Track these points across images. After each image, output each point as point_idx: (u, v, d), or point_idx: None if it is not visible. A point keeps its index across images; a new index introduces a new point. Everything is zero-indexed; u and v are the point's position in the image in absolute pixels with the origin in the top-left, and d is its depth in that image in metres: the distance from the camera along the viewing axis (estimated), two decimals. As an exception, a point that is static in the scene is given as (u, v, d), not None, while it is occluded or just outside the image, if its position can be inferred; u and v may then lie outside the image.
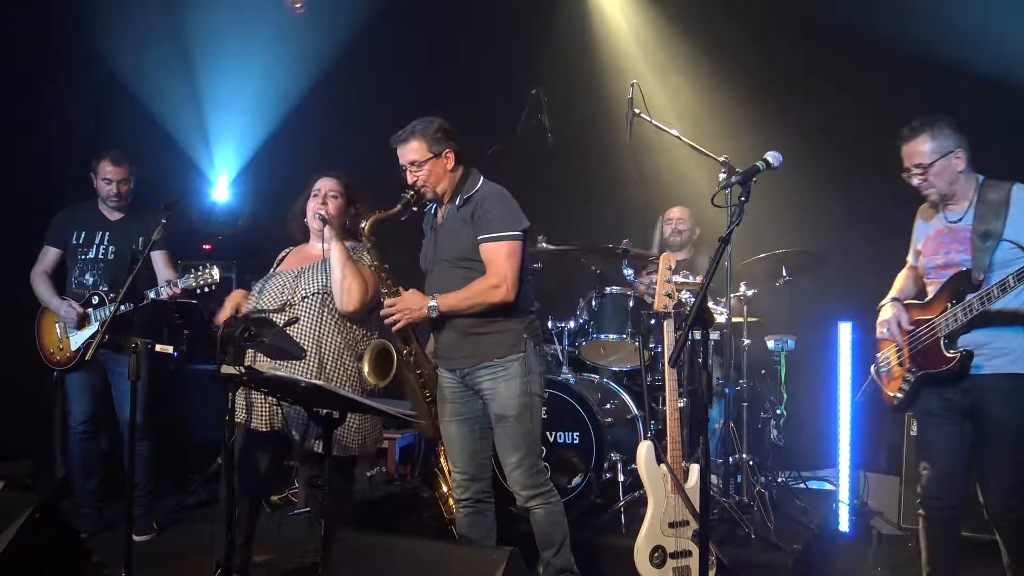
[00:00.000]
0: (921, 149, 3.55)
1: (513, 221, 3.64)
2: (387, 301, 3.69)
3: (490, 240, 3.60)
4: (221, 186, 7.05)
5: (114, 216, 5.13)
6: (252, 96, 6.73)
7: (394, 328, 3.68)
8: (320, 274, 3.84)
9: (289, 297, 3.83)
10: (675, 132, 4.86)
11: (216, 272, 4.34)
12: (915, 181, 3.61)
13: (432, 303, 3.62)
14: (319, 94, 6.70)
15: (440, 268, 3.74)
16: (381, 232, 3.72)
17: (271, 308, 3.78)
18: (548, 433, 4.89)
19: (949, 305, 3.54)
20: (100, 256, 5.03)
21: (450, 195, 3.75)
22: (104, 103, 6.22)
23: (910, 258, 3.88)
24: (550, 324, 5.34)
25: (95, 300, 4.92)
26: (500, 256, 3.59)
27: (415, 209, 3.76)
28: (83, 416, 5.03)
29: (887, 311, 3.77)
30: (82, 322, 4.90)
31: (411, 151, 3.69)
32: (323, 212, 3.87)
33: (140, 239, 5.07)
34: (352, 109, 6.80)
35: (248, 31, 6.51)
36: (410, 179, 3.71)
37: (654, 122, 4.87)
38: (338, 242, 3.80)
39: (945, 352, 3.53)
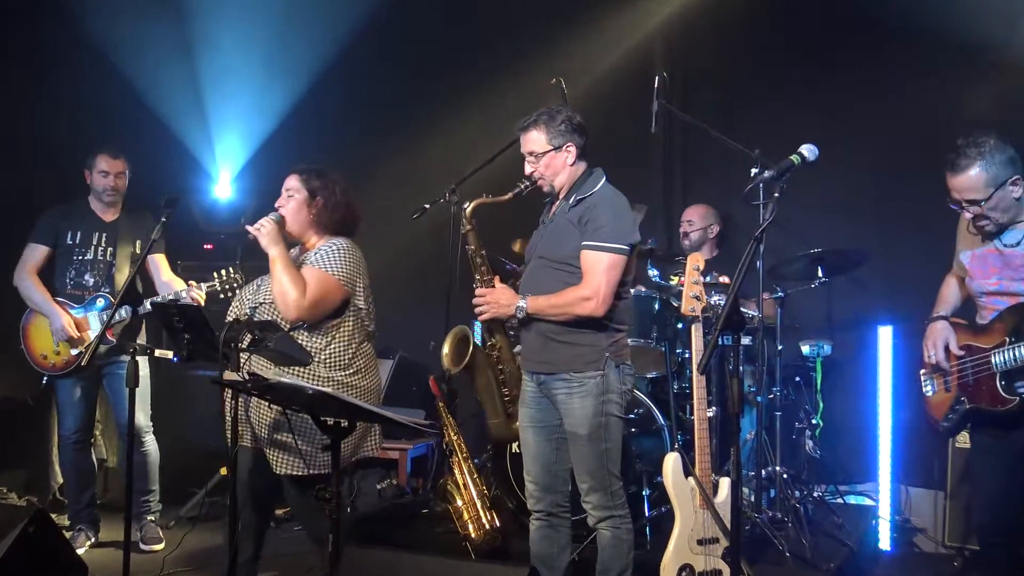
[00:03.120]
0: (974, 184, 3.43)
1: (621, 233, 3.64)
2: (479, 290, 3.76)
3: (592, 249, 3.61)
4: (224, 183, 7.07)
5: (108, 216, 5.18)
6: (255, 89, 6.76)
7: (480, 319, 3.77)
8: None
9: (251, 304, 3.91)
10: (704, 124, 4.85)
11: (240, 274, 4.37)
12: (968, 216, 3.52)
13: (521, 304, 3.66)
14: (326, 86, 6.72)
15: (538, 265, 3.77)
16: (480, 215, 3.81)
17: (241, 315, 3.84)
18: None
19: (1008, 340, 3.46)
20: (99, 257, 5.09)
21: (566, 191, 3.78)
22: (102, 97, 6.27)
23: (955, 265, 3.82)
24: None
25: (100, 302, 4.97)
26: (599, 268, 3.59)
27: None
28: (76, 425, 5.06)
29: (934, 331, 3.71)
30: (73, 340, 4.92)
31: (531, 141, 3.74)
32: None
33: (138, 241, 5.13)
34: (361, 101, 6.82)
35: (251, 21, 6.55)
36: (527, 169, 3.76)
37: (682, 114, 4.86)
38: (275, 245, 3.81)
39: (1003, 393, 3.46)
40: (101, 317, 4.95)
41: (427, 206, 4.86)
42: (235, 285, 4.38)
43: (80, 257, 5.08)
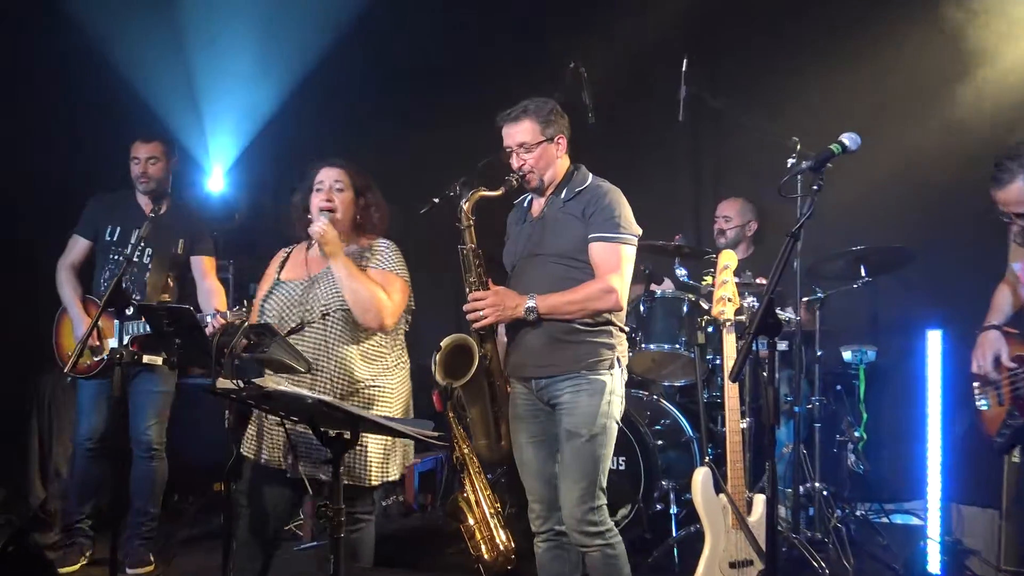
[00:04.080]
0: (1019, 197, 3.51)
1: (633, 225, 3.73)
2: (474, 293, 3.73)
3: (607, 240, 3.66)
4: (216, 176, 7.11)
5: (148, 210, 5.07)
6: (249, 81, 6.84)
7: (477, 325, 3.71)
8: (335, 285, 3.86)
9: (304, 314, 3.84)
10: (736, 111, 4.84)
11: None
12: (1016, 228, 3.57)
13: (530, 303, 3.65)
14: (320, 78, 6.77)
15: (534, 263, 3.79)
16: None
17: (286, 328, 3.80)
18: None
19: None
20: (135, 258, 4.94)
21: (556, 186, 3.83)
22: (94, 89, 6.32)
23: (1007, 273, 3.83)
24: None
25: (127, 311, 4.83)
26: (616, 260, 3.65)
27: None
28: (90, 432, 5.01)
29: (985, 341, 3.71)
30: (94, 347, 4.89)
31: (521, 132, 3.77)
32: (329, 207, 3.86)
33: (181, 241, 5.08)
34: (360, 90, 6.87)
35: (245, 13, 6.63)
36: (515, 163, 3.79)
37: (712, 100, 4.86)
38: (338, 257, 3.80)
39: None
40: (128, 328, 4.80)
41: (436, 200, 4.87)
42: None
43: (116, 256, 4.99)
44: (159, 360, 4.83)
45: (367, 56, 6.83)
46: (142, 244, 4.87)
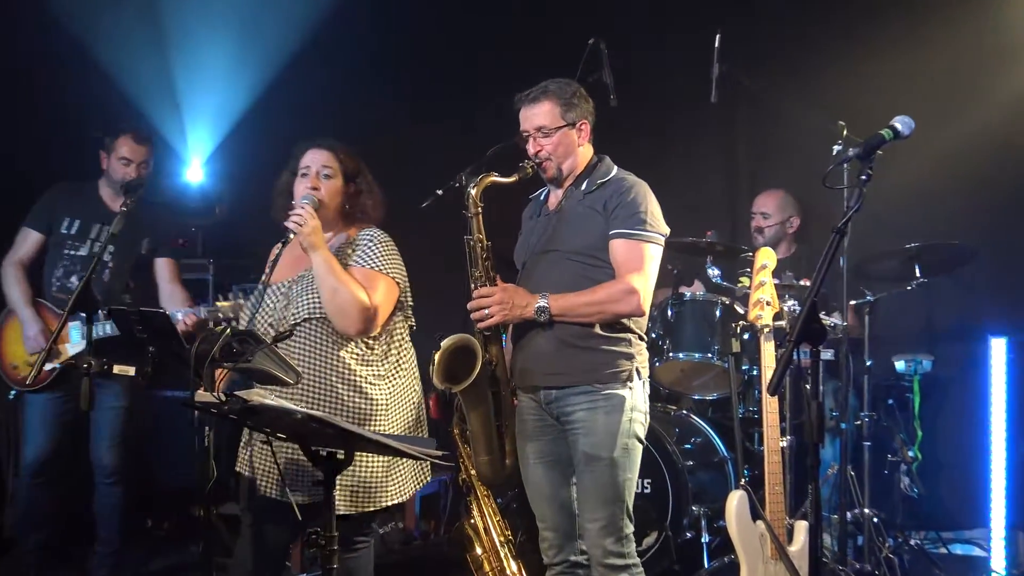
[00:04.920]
0: None
1: (660, 223, 3.74)
2: (481, 290, 3.72)
3: (629, 237, 3.66)
4: (195, 166, 7.15)
5: (117, 206, 5.04)
6: (228, 67, 6.93)
7: (481, 325, 3.71)
8: (315, 290, 3.82)
9: (277, 321, 3.83)
10: (775, 93, 4.84)
11: (242, 302, 4.26)
12: None
13: (542, 303, 3.65)
14: (303, 65, 6.82)
15: (549, 259, 3.80)
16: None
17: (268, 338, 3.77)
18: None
19: None
20: (94, 255, 4.96)
21: (575, 176, 3.84)
22: (66, 74, 6.37)
23: None
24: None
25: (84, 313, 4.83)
26: (640, 259, 3.65)
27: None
28: (37, 453, 4.98)
29: None
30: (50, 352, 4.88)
31: (540, 114, 3.78)
32: (288, 225, 3.77)
33: (145, 241, 5.11)
34: (347, 73, 6.89)
35: (225, -2, 6.70)
36: (532, 149, 3.80)
37: (750, 80, 4.85)
38: (318, 251, 3.75)
39: None
40: (83, 331, 4.87)
41: (440, 192, 4.88)
42: (229, 318, 4.27)
43: (71, 252, 5.04)
44: (131, 370, 4.84)
45: (357, 33, 6.87)
46: (103, 240, 4.92)
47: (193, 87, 7.01)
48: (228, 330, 3.48)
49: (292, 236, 3.83)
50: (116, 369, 4.62)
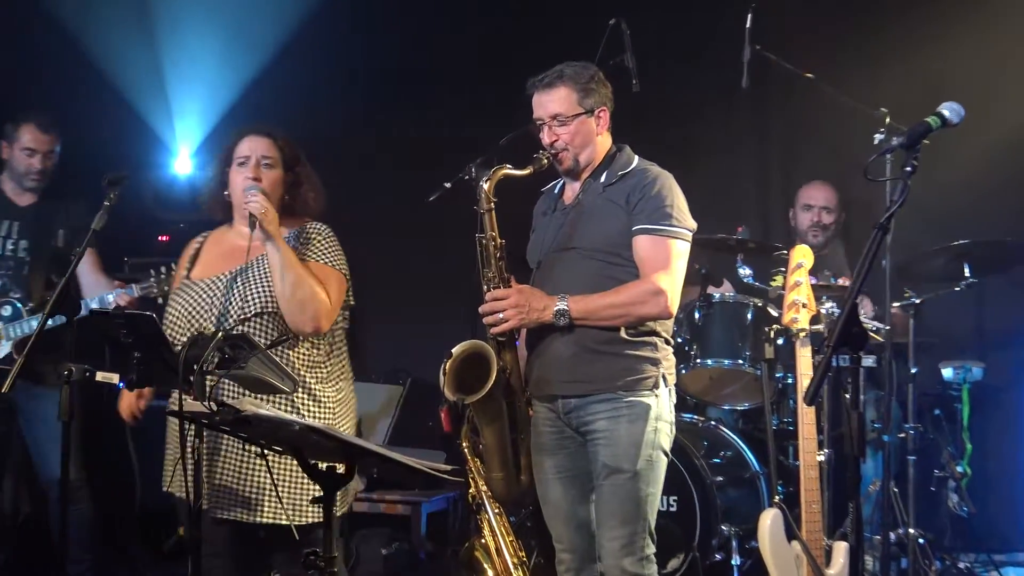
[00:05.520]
0: None
1: (687, 218, 3.75)
2: (495, 292, 3.72)
3: (655, 233, 3.67)
4: (183, 157, 7.19)
5: (24, 200, 5.21)
6: (218, 54, 7.00)
7: (496, 330, 3.71)
8: (267, 281, 3.83)
9: (220, 319, 3.82)
10: (811, 76, 4.83)
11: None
12: None
13: (560, 305, 3.65)
14: (296, 51, 6.87)
15: (566, 258, 3.80)
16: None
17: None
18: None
19: None
20: (8, 252, 5.08)
21: (593, 168, 3.85)
22: (48, 61, 6.42)
23: None
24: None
25: (5, 311, 4.95)
26: (666, 256, 3.66)
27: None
28: None
29: None
30: None
31: (555, 101, 3.78)
32: (251, 210, 3.75)
33: (61, 232, 5.14)
34: (344, 59, 6.94)
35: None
36: (547, 138, 3.80)
37: (783, 63, 4.85)
38: (276, 241, 3.75)
39: None
40: (7, 331, 4.92)
41: (447, 185, 4.89)
42: (165, 291, 4.30)
43: None
44: (115, 378, 4.85)
45: (351, 20, 6.92)
46: (15, 236, 5.01)
47: (181, 74, 7.05)
48: (220, 335, 3.49)
49: (228, 226, 3.93)
50: (99, 376, 4.63)
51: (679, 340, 5.29)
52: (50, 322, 4.72)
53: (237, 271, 3.91)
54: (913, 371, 5.04)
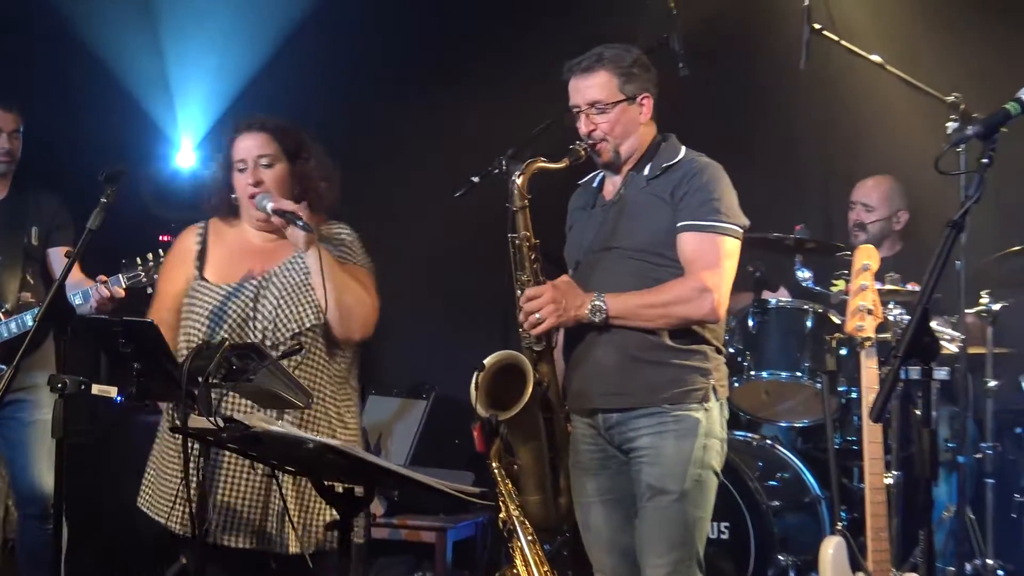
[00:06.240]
0: None
1: (738, 213, 3.75)
2: (529, 291, 3.72)
3: (703, 229, 3.68)
4: (186, 149, 7.24)
5: None
6: (223, 34, 7.07)
7: (535, 331, 3.71)
8: (310, 291, 3.84)
9: (269, 332, 3.84)
10: (878, 59, 4.82)
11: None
12: None
13: (597, 302, 3.65)
14: (312, 25, 6.90)
15: (607, 258, 3.81)
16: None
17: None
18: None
19: None
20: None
21: (636, 160, 3.85)
22: (47, 51, 6.49)
23: None
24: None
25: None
26: (715, 254, 3.67)
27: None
28: None
29: None
30: None
31: (594, 86, 3.79)
32: (283, 207, 3.76)
33: (34, 229, 5.16)
34: (354, 41, 7.00)
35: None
36: (584, 127, 3.81)
37: (845, 44, 4.83)
38: (316, 247, 3.76)
39: None
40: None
41: (475, 179, 4.90)
42: (154, 280, 4.29)
43: None
44: (112, 391, 4.87)
45: (361, 5, 6.96)
46: None
47: (184, 61, 7.12)
48: (226, 344, 3.51)
49: (210, 221, 4.03)
50: (96, 390, 4.66)
51: (731, 350, 5.29)
52: (13, 327, 4.77)
53: (262, 280, 3.91)
54: (991, 384, 5.01)
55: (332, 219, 4.06)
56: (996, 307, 5.09)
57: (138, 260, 4.49)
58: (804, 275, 5.28)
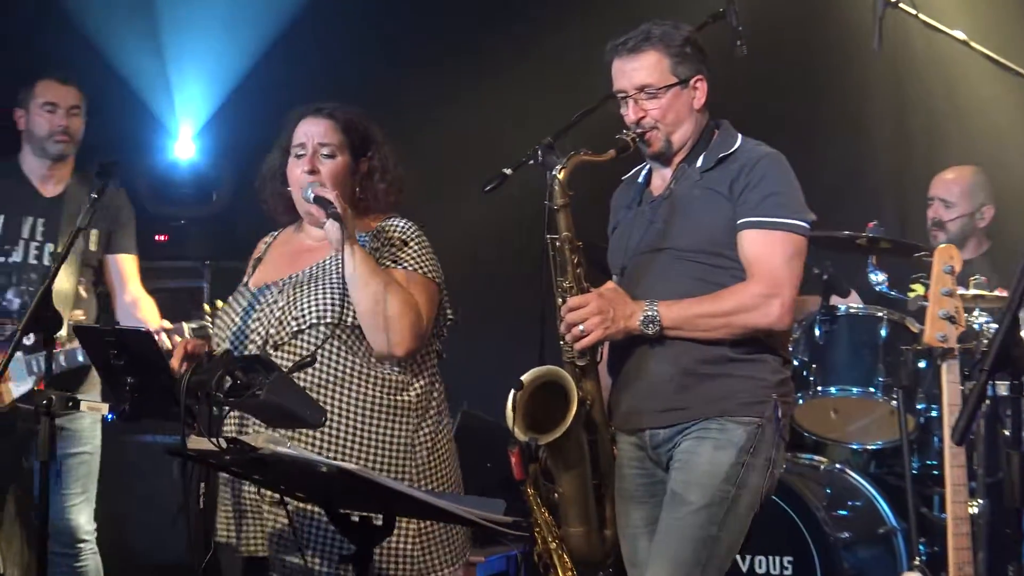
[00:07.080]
0: None
1: (803, 208, 3.72)
2: (571, 300, 3.68)
3: (766, 227, 3.65)
4: (184, 139, 7.28)
5: (49, 189, 5.19)
6: (223, 26, 7.14)
7: (579, 345, 3.66)
8: (327, 287, 3.82)
9: (272, 330, 3.84)
10: (962, 36, 4.80)
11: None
12: None
13: (649, 312, 3.62)
14: (311, 21, 6.97)
15: (658, 260, 3.78)
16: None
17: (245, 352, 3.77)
18: (738, 557, 4.86)
19: None
20: (31, 260, 5.07)
21: (688, 150, 3.83)
22: (39, 33, 6.57)
23: None
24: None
25: (28, 339, 4.69)
26: (780, 255, 3.65)
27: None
28: None
29: None
30: None
31: (643, 68, 3.77)
32: (321, 194, 3.74)
33: (95, 234, 5.13)
34: (365, 20, 7.07)
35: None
36: (633, 114, 3.79)
37: (925, 18, 4.81)
38: (354, 247, 3.73)
39: None
40: (30, 362, 4.88)
41: (508, 171, 4.88)
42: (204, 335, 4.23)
43: (2, 259, 5.08)
44: (104, 408, 4.89)
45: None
46: (39, 239, 5.02)
47: (182, 46, 7.19)
48: (227, 354, 3.52)
49: (283, 229, 3.99)
50: (84, 407, 4.68)
51: (796, 363, 5.27)
52: (80, 357, 4.74)
53: (289, 280, 3.91)
54: (1089, 402, 4.99)
55: (395, 217, 4.01)
56: (1095, 315, 5.06)
57: (206, 307, 4.37)
58: (878, 278, 5.26)
